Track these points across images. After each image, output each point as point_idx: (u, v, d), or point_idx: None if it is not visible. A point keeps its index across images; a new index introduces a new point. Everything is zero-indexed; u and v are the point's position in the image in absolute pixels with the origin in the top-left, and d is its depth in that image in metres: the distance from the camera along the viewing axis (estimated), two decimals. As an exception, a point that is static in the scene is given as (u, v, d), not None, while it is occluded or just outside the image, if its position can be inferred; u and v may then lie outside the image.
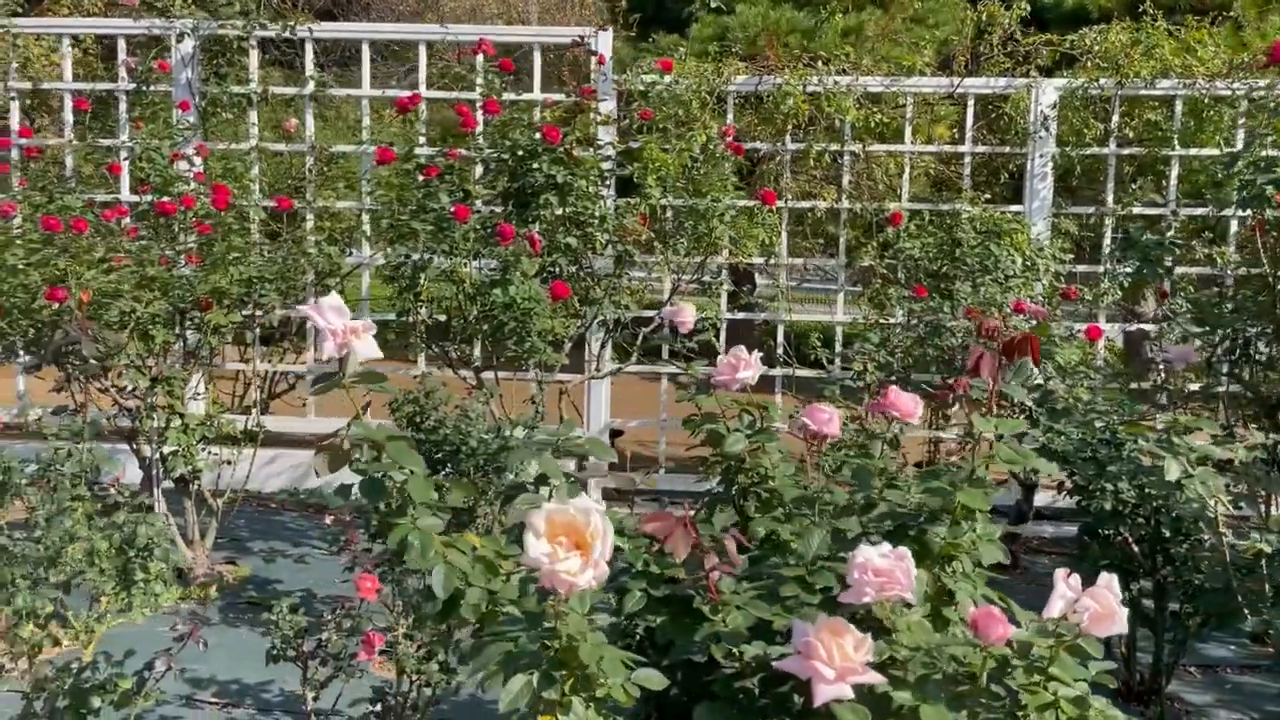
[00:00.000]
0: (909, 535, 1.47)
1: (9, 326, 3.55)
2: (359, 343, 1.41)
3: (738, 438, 2.06)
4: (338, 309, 1.40)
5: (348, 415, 5.46)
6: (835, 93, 4.82)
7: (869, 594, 1.24)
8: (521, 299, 3.73)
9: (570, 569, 1.11)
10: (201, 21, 5.24)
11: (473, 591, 1.41)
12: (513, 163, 4.07)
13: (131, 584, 1.95)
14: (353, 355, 1.43)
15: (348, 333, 1.38)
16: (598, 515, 1.14)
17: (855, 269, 5.35)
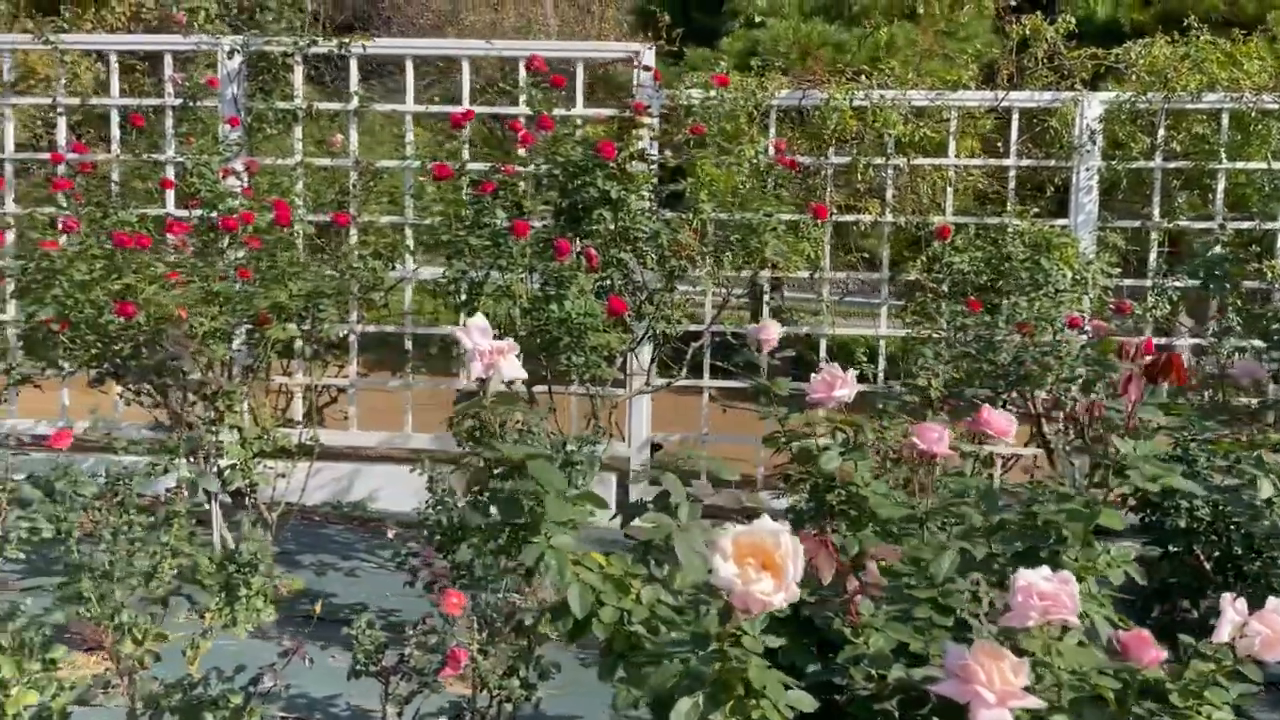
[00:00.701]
0: (1040, 556, 1.48)
1: (73, 341, 3.58)
2: (505, 363, 1.42)
3: (831, 455, 2.06)
4: (483, 329, 1.42)
5: (390, 429, 5.50)
6: (881, 107, 4.83)
7: (1033, 617, 1.24)
8: (577, 314, 3.74)
9: (764, 590, 1.11)
10: (250, 38, 5.29)
11: (606, 610, 1.41)
12: (563, 178, 4.09)
13: (235, 600, 1.96)
14: (497, 375, 1.44)
15: (494, 354, 1.40)
16: (787, 537, 1.15)
17: (897, 283, 5.35)
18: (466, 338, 1.41)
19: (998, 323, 3.99)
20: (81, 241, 3.64)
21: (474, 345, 1.40)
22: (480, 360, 1.40)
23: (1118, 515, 1.46)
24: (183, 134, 5.41)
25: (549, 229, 4.02)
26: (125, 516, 3.02)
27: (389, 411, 6.55)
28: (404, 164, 5.36)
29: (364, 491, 5.57)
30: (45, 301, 3.32)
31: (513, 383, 1.50)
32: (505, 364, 1.44)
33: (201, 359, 3.01)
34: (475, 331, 1.42)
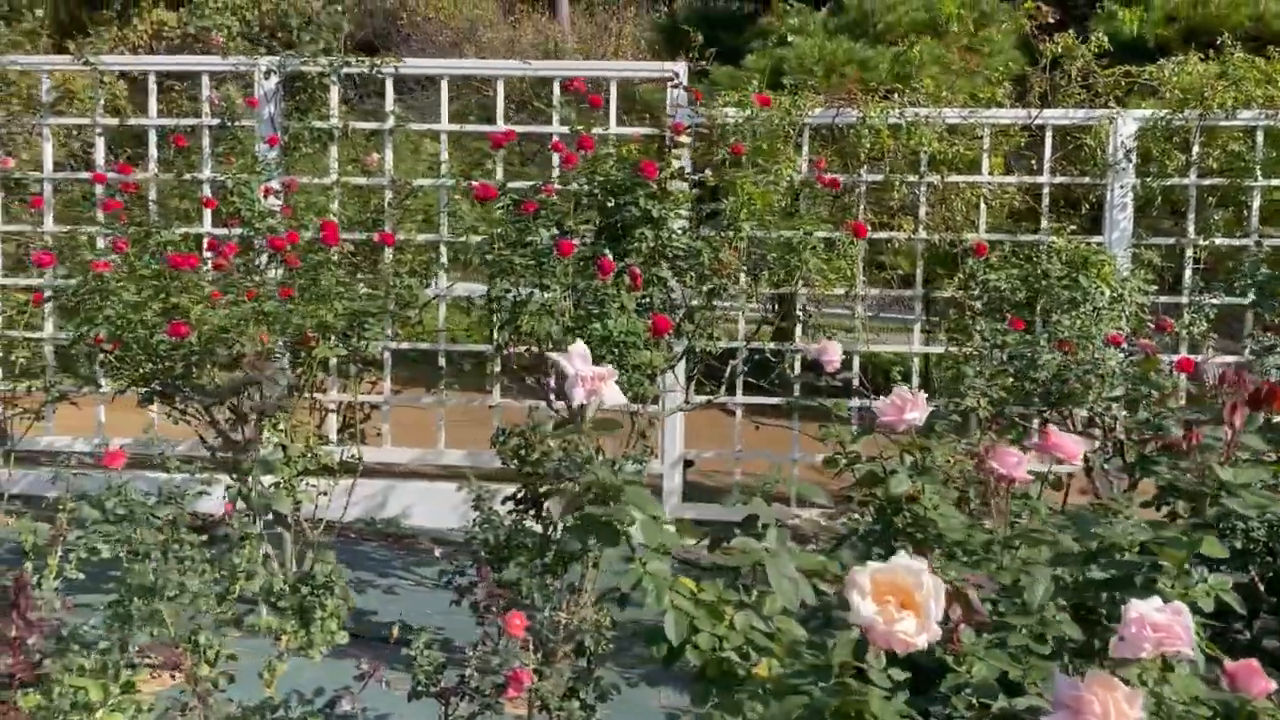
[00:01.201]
0: (1134, 584, 1.47)
1: (120, 360, 3.61)
2: (606, 389, 1.44)
3: (901, 479, 2.07)
4: (584, 356, 1.43)
5: (423, 446, 5.51)
6: (916, 125, 4.85)
7: (1147, 649, 1.24)
8: (619, 332, 3.76)
9: (907, 630, 1.12)
10: (286, 58, 5.34)
11: (702, 636, 1.42)
12: (603, 197, 4.11)
13: (310, 622, 1.97)
14: (597, 401, 1.46)
15: (596, 380, 1.41)
16: (929, 576, 1.15)
17: (931, 300, 5.35)
18: (569, 364, 1.42)
19: (1039, 340, 3.98)
20: (130, 261, 3.67)
21: (576, 371, 1.42)
22: (582, 386, 1.42)
23: (1219, 544, 1.46)
24: (220, 154, 5.46)
25: (589, 247, 4.04)
26: (177, 535, 3.04)
27: (417, 427, 6.57)
28: (438, 182, 5.40)
29: (398, 508, 5.59)
30: (97, 321, 3.35)
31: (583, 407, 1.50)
32: (606, 390, 1.45)
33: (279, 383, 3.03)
34: (577, 358, 1.43)
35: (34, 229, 5.52)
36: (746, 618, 1.44)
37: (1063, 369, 3.92)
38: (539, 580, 3.15)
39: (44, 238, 5.49)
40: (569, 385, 1.41)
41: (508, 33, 19.86)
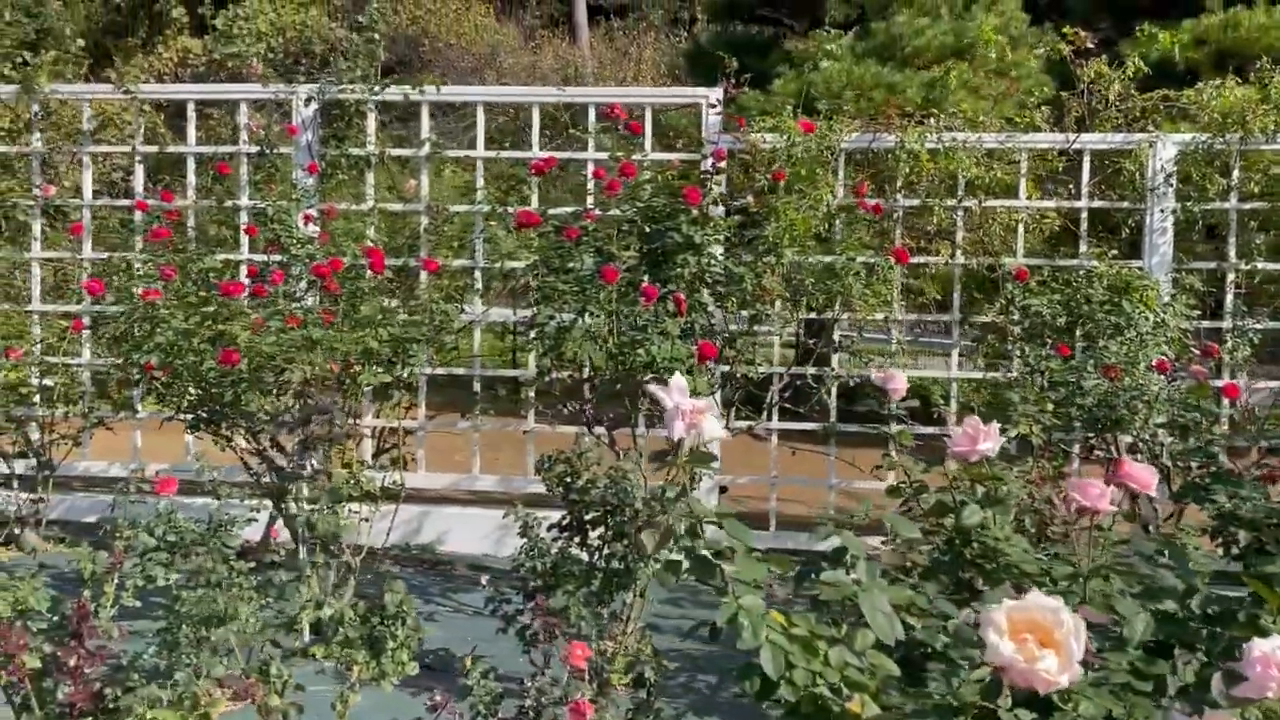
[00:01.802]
0: (1238, 621, 1.45)
1: (167, 386, 3.63)
2: (706, 423, 1.42)
3: (974, 510, 2.04)
4: (682, 389, 1.42)
5: (456, 472, 5.48)
6: (954, 150, 4.84)
7: (1272, 689, 1.21)
8: (663, 358, 3.75)
9: (1049, 669, 1.10)
10: (325, 85, 5.39)
11: (798, 672, 1.40)
12: (643, 223, 4.13)
13: (381, 652, 1.96)
14: (695, 435, 1.44)
15: (695, 413, 1.40)
16: (1068, 614, 1.13)
17: (969, 325, 5.32)
18: (668, 397, 1.41)
19: (1085, 366, 3.95)
20: (177, 288, 3.70)
21: (675, 404, 1.41)
22: (682, 420, 1.40)
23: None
24: (258, 181, 5.51)
25: (631, 274, 4.04)
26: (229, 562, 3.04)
27: (448, 451, 6.57)
28: (474, 208, 5.42)
29: (433, 534, 5.57)
30: (148, 349, 3.36)
31: (681, 440, 1.49)
32: (707, 423, 1.44)
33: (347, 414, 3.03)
34: (675, 391, 1.42)
35: (73, 255, 5.57)
36: (840, 653, 1.42)
37: (1109, 395, 3.88)
38: (591, 609, 3.13)
39: (84, 264, 5.54)
40: (668, 418, 1.40)
41: (528, 58, 20.05)
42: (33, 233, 5.52)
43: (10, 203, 5.41)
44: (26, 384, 4.76)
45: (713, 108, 4.74)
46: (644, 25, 21.39)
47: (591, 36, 21.71)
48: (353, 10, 20.12)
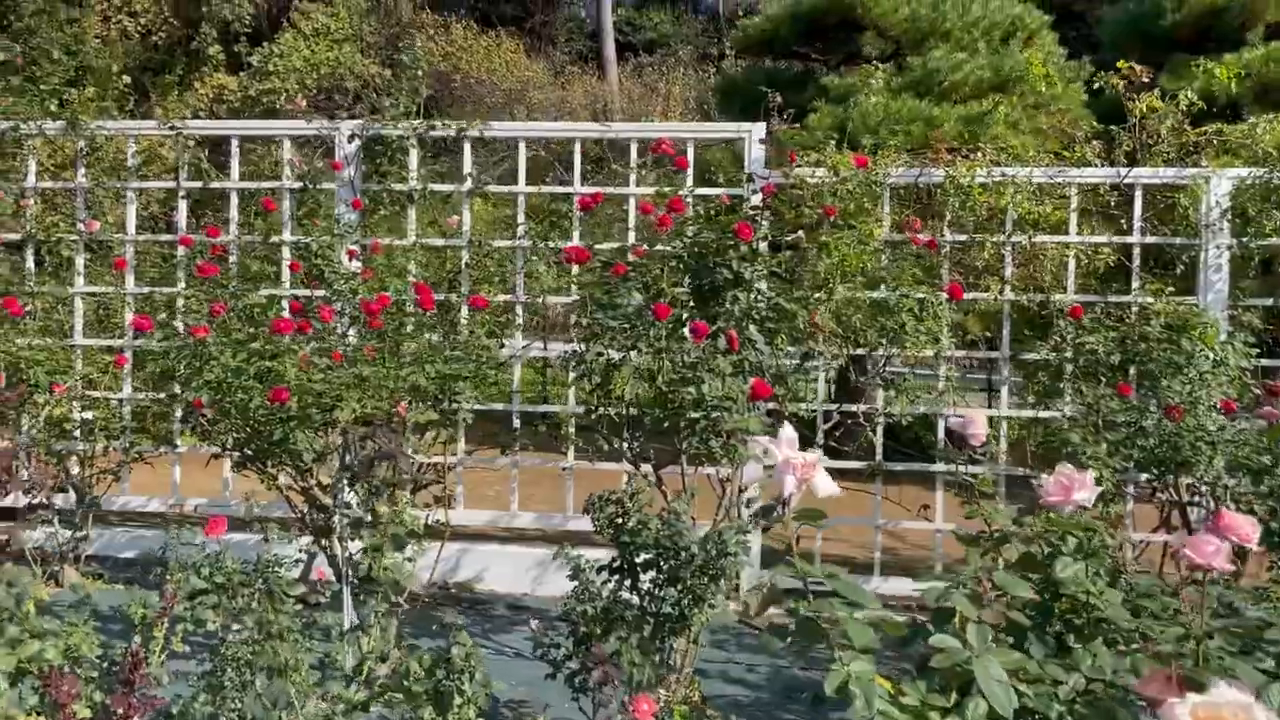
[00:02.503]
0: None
1: (211, 424, 3.59)
2: (819, 478, 1.35)
3: (1067, 563, 1.95)
4: (792, 441, 1.35)
5: (493, 508, 5.38)
6: (1005, 184, 4.77)
7: None
8: (713, 397, 3.68)
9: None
10: (369, 122, 5.40)
11: (911, 745, 1.31)
12: (691, 258, 4.07)
13: (448, 709, 1.88)
14: (804, 490, 1.37)
15: (807, 467, 1.33)
16: (1260, 710, 1.05)
17: (1018, 362, 5.21)
18: (777, 449, 1.34)
19: (1147, 405, 3.84)
20: (225, 324, 3.67)
21: (785, 458, 1.33)
22: (794, 474, 1.33)
23: None
24: (301, 216, 5.52)
25: (680, 310, 3.98)
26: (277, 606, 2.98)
27: (481, 485, 6.50)
28: (515, 243, 5.40)
29: (470, 572, 5.50)
30: (197, 386, 3.33)
31: (797, 499, 1.42)
32: (819, 478, 1.37)
33: (411, 455, 2.98)
34: (785, 444, 1.35)
35: (116, 290, 5.58)
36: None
37: (1173, 435, 3.77)
38: (644, 656, 3.03)
39: (126, 299, 5.55)
40: (778, 472, 1.32)
41: (558, 94, 20.21)
42: (76, 267, 5.55)
43: (55, 238, 5.44)
44: (69, 419, 4.74)
45: (761, 142, 4.69)
46: (672, 61, 21.52)
47: (620, 72, 21.87)
48: (385, 47, 20.40)
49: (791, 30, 9.23)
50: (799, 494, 1.37)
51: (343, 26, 19.42)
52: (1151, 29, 9.28)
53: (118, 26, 22.51)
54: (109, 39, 21.53)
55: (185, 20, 21.79)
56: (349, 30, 19.53)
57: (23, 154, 5.67)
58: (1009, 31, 8.83)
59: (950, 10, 8.56)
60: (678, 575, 3.20)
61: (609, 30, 22.04)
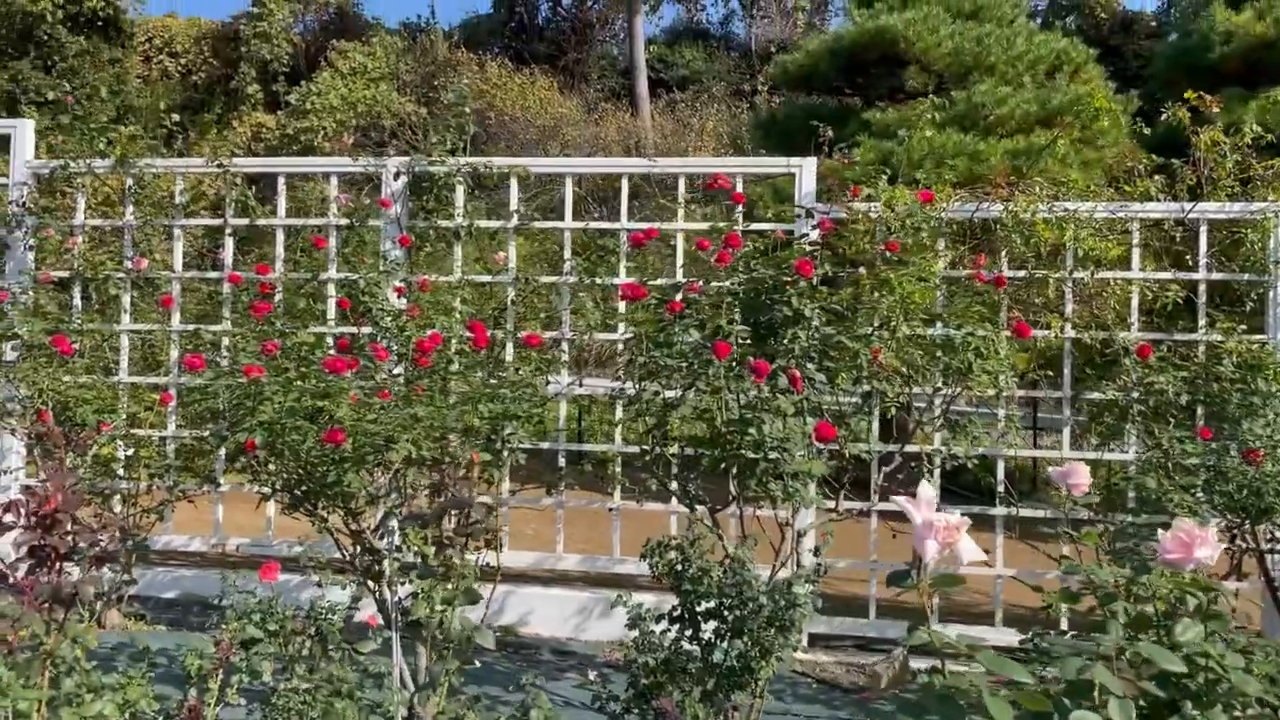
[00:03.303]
0: None
1: (263, 465, 3.52)
2: (963, 545, 1.24)
3: (1187, 625, 1.81)
4: (930, 500, 1.25)
5: (536, 549, 5.25)
6: (1066, 220, 4.66)
7: None
8: (774, 438, 3.57)
9: None
10: (416, 159, 5.38)
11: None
12: (748, 295, 3.98)
13: (528, 779, 1.78)
14: (942, 556, 1.26)
15: (950, 530, 1.22)
16: None
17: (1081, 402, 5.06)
18: (917, 511, 1.23)
19: (1227, 449, 3.68)
20: (278, 364, 3.61)
21: (926, 519, 1.23)
22: (935, 538, 1.22)
23: None
24: (348, 253, 5.49)
25: (739, 349, 3.88)
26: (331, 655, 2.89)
27: (520, 523, 6.39)
28: (561, 279, 5.34)
29: (514, 615, 5.38)
30: (250, 427, 3.27)
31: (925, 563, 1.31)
32: (963, 545, 1.25)
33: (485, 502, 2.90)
34: (924, 504, 1.24)
35: (162, 328, 5.57)
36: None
37: (1257, 481, 3.61)
38: (709, 710, 2.91)
39: (172, 337, 5.54)
40: (918, 536, 1.22)
41: (591, 130, 20.33)
42: (122, 305, 5.54)
43: (103, 275, 5.44)
44: (115, 457, 4.71)
45: (821, 179, 4.61)
46: (705, 97, 21.60)
47: (652, 108, 21.98)
48: (421, 86, 20.65)
49: (831, 65, 9.19)
50: (939, 559, 1.26)
51: (379, 65, 19.72)
52: (1199, 62, 9.16)
53: (158, 66, 23.03)
54: (150, 79, 22.01)
55: (225, 60, 22.26)
56: (385, 69, 19.82)
57: (72, 192, 5.70)
58: (1054, 65, 8.75)
59: (994, 44, 8.49)
60: (743, 626, 3.08)
61: (641, 67, 22.19)
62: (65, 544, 1.82)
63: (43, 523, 1.81)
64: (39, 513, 1.81)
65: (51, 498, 1.81)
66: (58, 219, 5.58)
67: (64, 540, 1.81)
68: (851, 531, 5.66)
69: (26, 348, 4.68)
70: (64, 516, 1.82)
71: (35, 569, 1.82)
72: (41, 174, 5.71)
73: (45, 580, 1.83)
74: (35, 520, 1.81)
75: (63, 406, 4.52)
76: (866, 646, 5.20)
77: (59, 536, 1.81)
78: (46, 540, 1.81)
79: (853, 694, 4.62)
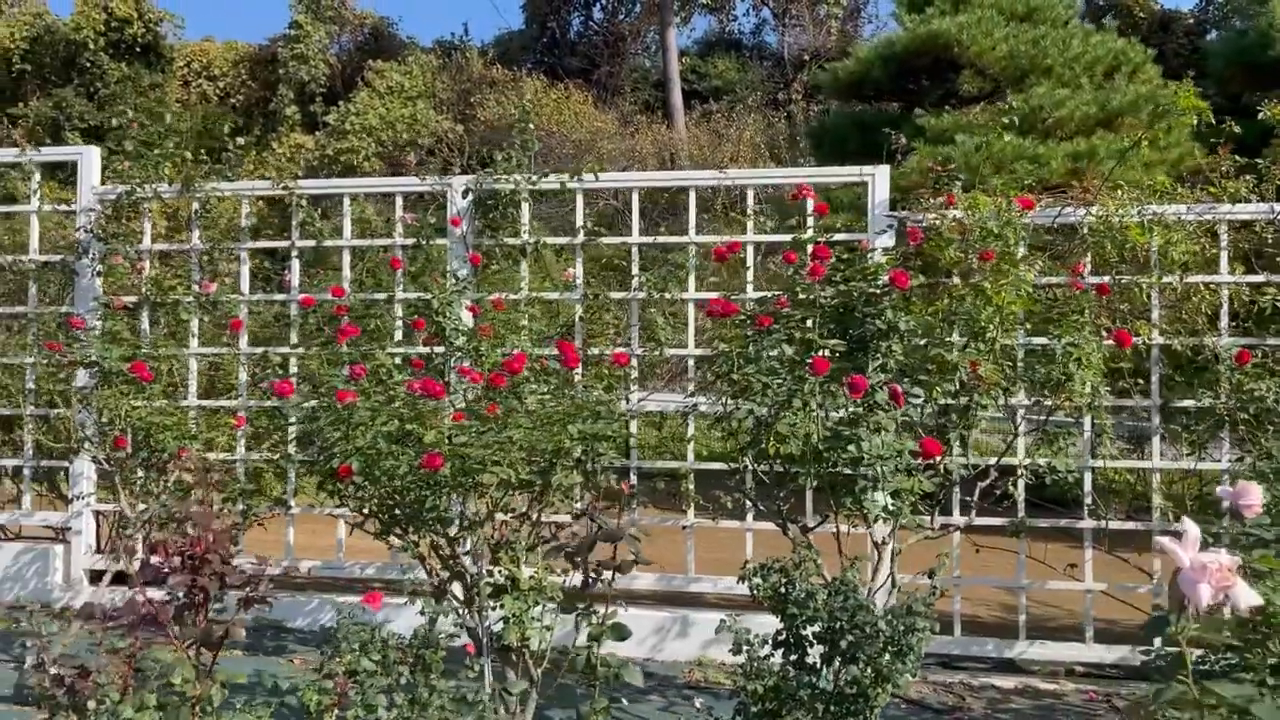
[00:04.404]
0: None
1: (358, 490, 3.47)
2: (1239, 590, 1.13)
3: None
4: (1196, 538, 1.15)
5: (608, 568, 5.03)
6: (1156, 223, 4.52)
7: None
8: (873, 455, 3.47)
9: None
10: (482, 177, 5.34)
11: None
12: (836, 308, 3.89)
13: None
14: (1215, 602, 1.16)
15: (1224, 572, 1.12)
16: None
17: (1171, 410, 4.91)
18: (1183, 552, 1.13)
19: (1346, 459, 3.53)
20: (365, 388, 3.57)
21: (1195, 561, 1.13)
22: (1210, 582, 1.12)
23: None
24: (413, 273, 5.46)
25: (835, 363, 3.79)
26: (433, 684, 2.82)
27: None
28: (629, 295, 5.27)
29: (588, 635, 5.29)
30: (346, 452, 3.21)
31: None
32: (1239, 591, 1.14)
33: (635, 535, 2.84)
34: (1190, 543, 1.14)
35: (231, 350, 5.56)
36: None
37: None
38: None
39: (240, 360, 5.53)
40: (1185, 579, 1.11)
41: (627, 143, 20.32)
42: (190, 328, 5.54)
43: (172, 300, 5.44)
44: (194, 483, 4.68)
45: (903, 191, 4.51)
46: (741, 107, 21.52)
47: (687, 120, 21.94)
48: (457, 103, 20.74)
49: (883, 71, 9.09)
50: (1212, 603, 1.16)
51: (416, 84, 19.83)
52: (1259, 59, 8.97)
53: (197, 90, 23.32)
54: (189, 103, 22.28)
55: (262, 83, 22.50)
56: (422, 87, 19.93)
57: (137, 217, 5.71)
58: (1112, 66, 8.60)
59: (1051, 46, 8.35)
60: (858, 651, 2.98)
61: (675, 79, 22.17)
62: (215, 584, 1.77)
63: (192, 563, 1.76)
64: (188, 553, 1.75)
65: (200, 538, 1.75)
66: (123, 245, 5.58)
67: (214, 581, 1.76)
68: (932, 547, 5.54)
69: (103, 374, 4.67)
70: (213, 556, 1.77)
71: (183, 611, 1.78)
72: (108, 199, 5.73)
73: (192, 621, 1.78)
74: (184, 561, 1.75)
75: (144, 433, 4.50)
76: (950, 664, 5.06)
77: (208, 577, 1.76)
78: (197, 581, 1.76)
79: (943, 714, 4.49)
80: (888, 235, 4.97)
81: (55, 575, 5.60)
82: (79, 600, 5.49)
